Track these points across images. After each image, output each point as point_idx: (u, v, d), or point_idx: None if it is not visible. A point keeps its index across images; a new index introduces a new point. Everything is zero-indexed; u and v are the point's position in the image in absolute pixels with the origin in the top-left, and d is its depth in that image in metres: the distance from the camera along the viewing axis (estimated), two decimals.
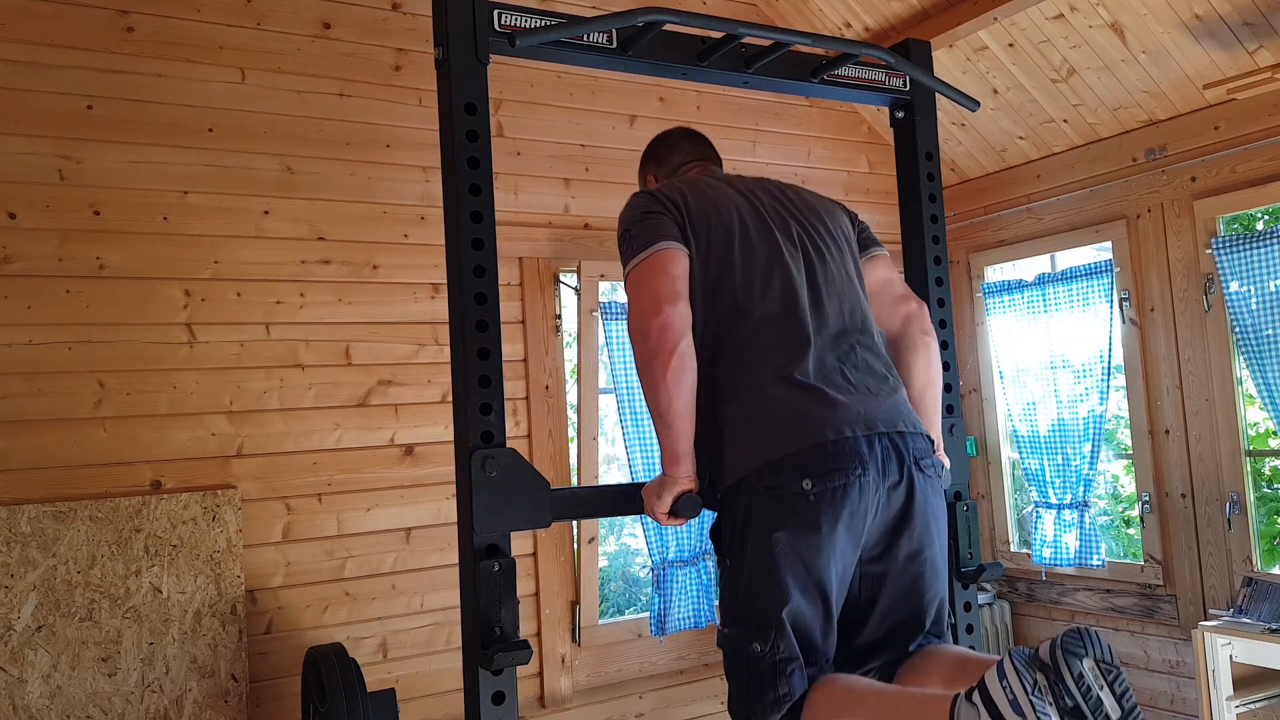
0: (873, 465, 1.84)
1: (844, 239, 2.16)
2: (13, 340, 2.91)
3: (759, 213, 2.08)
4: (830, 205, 2.23)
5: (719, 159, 2.41)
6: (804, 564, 1.80)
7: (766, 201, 2.11)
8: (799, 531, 1.80)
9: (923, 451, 1.94)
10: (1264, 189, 3.60)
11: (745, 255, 2.00)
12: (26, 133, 2.97)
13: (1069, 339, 4.26)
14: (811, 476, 1.80)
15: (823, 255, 2.08)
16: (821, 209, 2.18)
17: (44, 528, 2.84)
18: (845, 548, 1.84)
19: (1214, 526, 3.80)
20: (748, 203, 2.09)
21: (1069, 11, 3.65)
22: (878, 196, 4.68)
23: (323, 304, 3.37)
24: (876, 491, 1.85)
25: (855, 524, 1.83)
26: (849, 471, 1.81)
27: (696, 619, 3.92)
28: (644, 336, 1.90)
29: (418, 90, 3.58)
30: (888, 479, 1.86)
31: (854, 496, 1.81)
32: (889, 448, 1.87)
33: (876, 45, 2.74)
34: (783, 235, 2.05)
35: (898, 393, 2.00)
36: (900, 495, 1.89)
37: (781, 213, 2.10)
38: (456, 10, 2.05)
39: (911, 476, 1.89)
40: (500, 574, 1.93)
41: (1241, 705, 3.35)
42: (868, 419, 1.88)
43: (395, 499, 3.44)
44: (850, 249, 2.17)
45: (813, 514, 1.80)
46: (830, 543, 1.81)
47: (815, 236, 2.10)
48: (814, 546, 1.80)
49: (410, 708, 3.37)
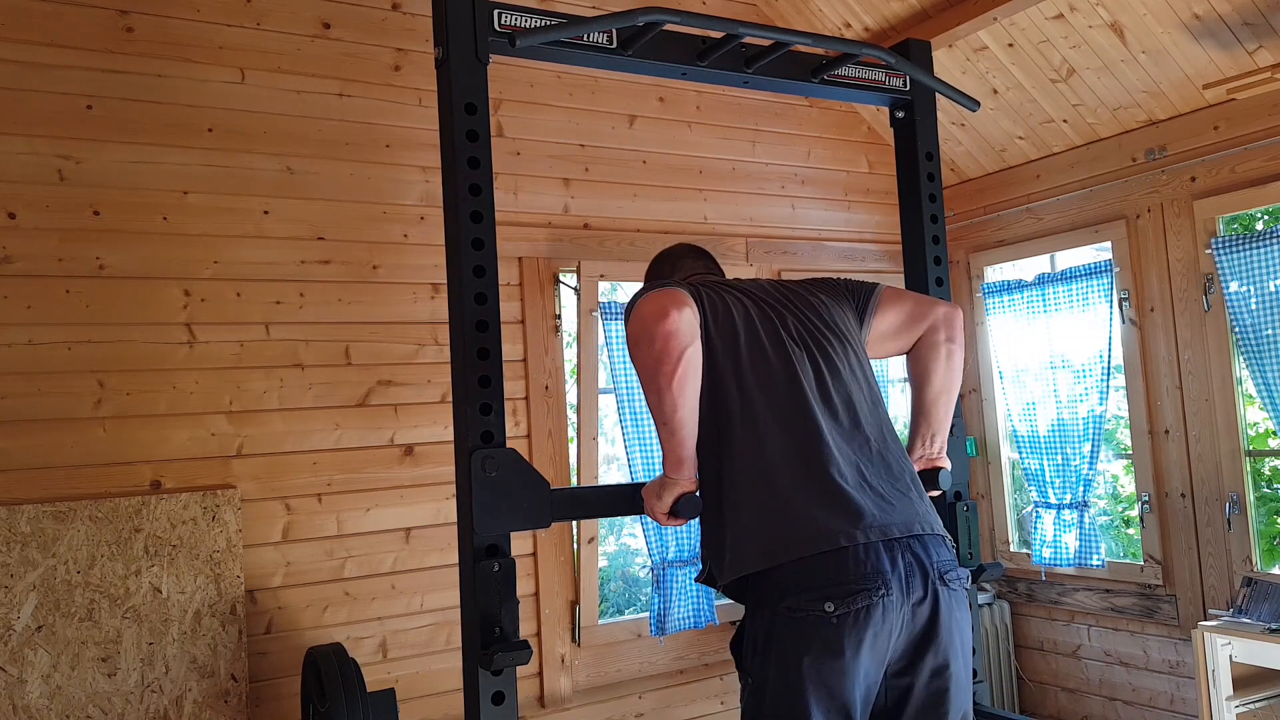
0: (896, 583, 1.80)
1: (846, 333, 2.12)
2: (12, 340, 2.91)
3: (763, 311, 2.06)
4: (828, 298, 2.18)
5: (721, 271, 2.40)
6: (828, 689, 1.77)
7: (768, 301, 2.09)
8: (823, 656, 1.76)
9: (947, 565, 1.89)
10: (1264, 189, 3.60)
11: (752, 351, 1.99)
12: (26, 133, 2.97)
13: (1069, 339, 4.26)
14: (834, 599, 1.76)
15: (827, 353, 2.05)
16: (821, 305, 2.14)
17: (44, 528, 2.84)
18: (870, 668, 1.80)
19: (1214, 526, 3.80)
20: (752, 302, 2.08)
21: (1069, 11, 3.65)
22: (878, 196, 4.69)
23: (322, 304, 3.37)
24: (901, 610, 1.81)
25: (879, 644, 1.79)
26: (872, 592, 1.77)
27: (696, 619, 3.92)
28: (649, 342, 1.87)
29: (418, 90, 3.58)
30: (912, 596, 1.82)
31: (877, 618, 1.77)
32: (912, 563, 1.83)
33: (876, 45, 2.74)
34: (786, 334, 2.04)
35: (910, 493, 1.96)
36: (925, 611, 1.84)
37: (784, 311, 2.08)
38: (456, 10, 2.05)
39: (936, 593, 1.85)
40: (500, 574, 1.93)
41: (1241, 705, 3.35)
42: (884, 525, 1.84)
43: (395, 499, 3.44)
44: (853, 344, 2.12)
45: (836, 638, 1.76)
46: (855, 666, 1.77)
47: (819, 334, 2.07)
48: (838, 671, 1.77)
49: (410, 708, 3.37)
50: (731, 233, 4.26)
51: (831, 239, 4.55)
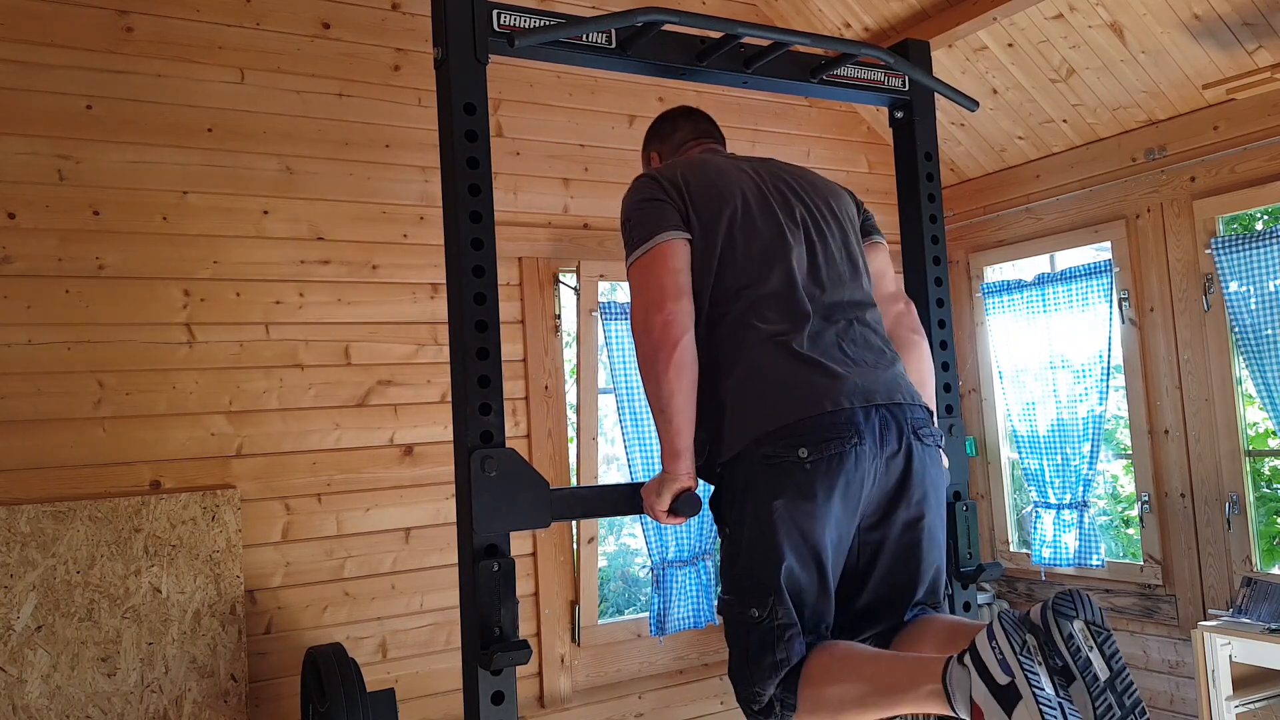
0: (869, 434, 1.85)
1: (847, 220, 2.17)
2: (12, 340, 2.91)
3: (762, 192, 2.08)
4: (835, 188, 2.23)
5: (722, 137, 2.41)
6: (800, 531, 1.82)
7: (770, 181, 2.12)
8: (795, 500, 1.82)
9: (921, 421, 1.95)
10: (1263, 189, 3.60)
11: (746, 234, 2.01)
12: (26, 133, 2.97)
13: (1068, 339, 4.26)
14: (808, 445, 1.82)
15: (824, 236, 2.09)
16: (826, 190, 2.19)
17: (43, 528, 2.84)
18: (841, 516, 1.85)
19: (1213, 526, 3.80)
20: (751, 182, 2.10)
21: (1068, 11, 3.65)
22: (877, 196, 4.68)
23: (322, 304, 3.37)
24: (874, 460, 1.86)
25: (851, 492, 1.85)
26: (845, 440, 1.82)
27: (696, 619, 3.92)
28: (647, 332, 1.92)
29: (417, 90, 3.58)
30: (886, 448, 1.87)
31: (850, 465, 1.83)
32: (887, 418, 1.89)
33: (876, 45, 2.74)
34: (785, 215, 2.06)
35: (895, 365, 2.01)
36: (899, 464, 1.90)
37: (785, 192, 2.11)
38: (456, 10, 2.05)
39: (910, 446, 1.90)
40: (500, 574, 1.93)
41: (1241, 705, 3.35)
42: (866, 391, 1.89)
43: (395, 499, 3.44)
44: (854, 231, 2.17)
45: (808, 482, 1.81)
46: (826, 510, 1.83)
47: (818, 217, 2.10)
48: (810, 514, 1.82)
49: (410, 708, 3.37)
50: None
51: None
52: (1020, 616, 1.56)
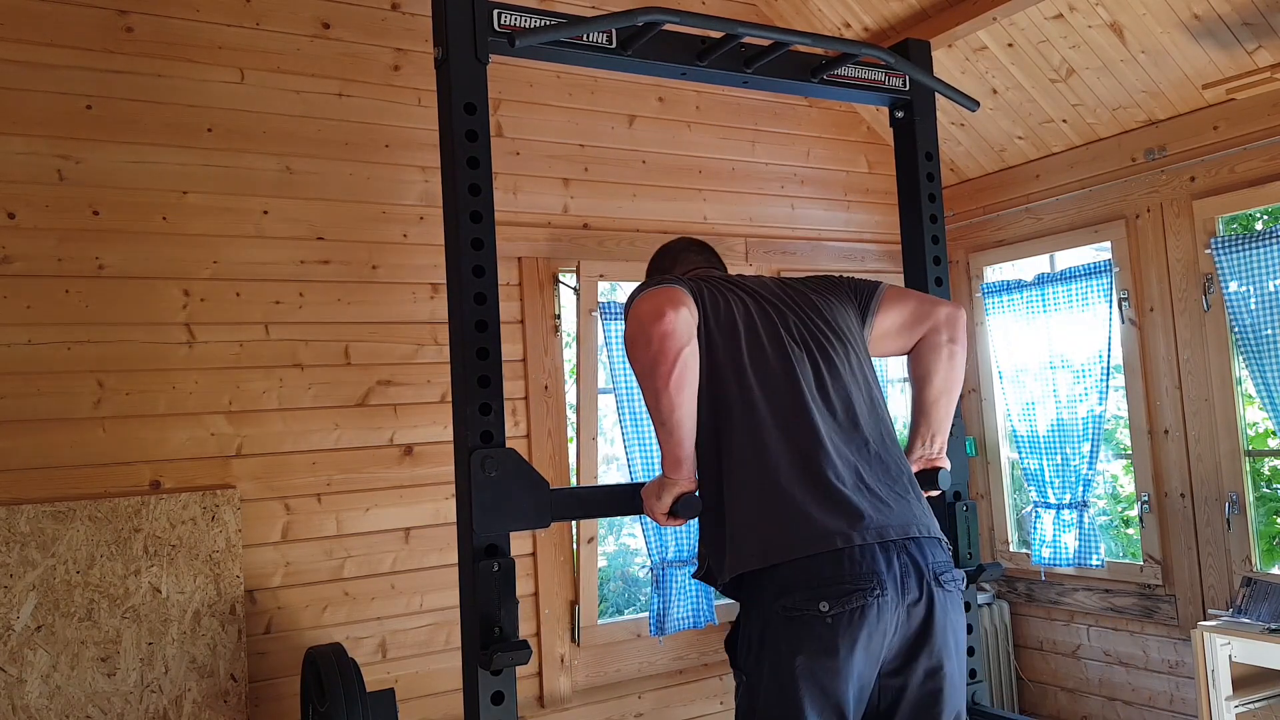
0: (891, 584, 1.79)
1: (848, 334, 2.11)
2: (12, 340, 2.91)
3: (764, 309, 2.05)
4: (830, 297, 2.17)
5: (723, 265, 2.39)
6: (822, 689, 1.77)
7: (769, 299, 2.09)
8: (817, 655, 1.76)
9: (942, 566, 1.89)
10: (1263, 189, 3.60)
11: (752, 350, 1.98)
12: (26, 133, 2.97)
13: (1068, 339, 4.26)
14: (828, 599, 1.76)
15: (827, 353, 2.04)
16: (823, 305, 2.13)
17: (43, 528, 2.84)
18: (863, 668, 1.80)
19: (1213, 526, 3.80)
20: (753, 299, 2.07)
21: (1068, 11, 3.65)
22: (877, 196, 4.69)
23: (322, 304, 3.37)
24: (896, 610, 1.80)
25: (874, 644, 1.79)
26: (867, 593, 1.77)
27: (696, 619, 3.92)
28: (645, 342, 1.87)
29: (417, 90, 3.58)
30: (907, 597, 1.82)
31: (872, 618, 1.77)
32: (907, 563, 1.83)
33: (876, 45, 2.74)
34: (786, 333, 2.03)
35: (909, 495, 1.95)
36: (920, 612, 1.84)
37: (785, 310, 2.07)
38: (456, 10, 2.05)
39: (931, 594, 1.84)
40: (499, 574, 1.93)
41: (1241, 705, 3.36)
42: (880, 527, 1.84)
43: (394, 499, 3.44)
44: (854, 344, 2.11)
45: (830, 638, 1.76)
46: (849, 666, 1.77)
47: (819, 334, 2.06)
48: (832, 671, 1.77)
49: (409, 708, 3.37)
50: (731, 233, 4.26)
51: (831, 239, 4.55)
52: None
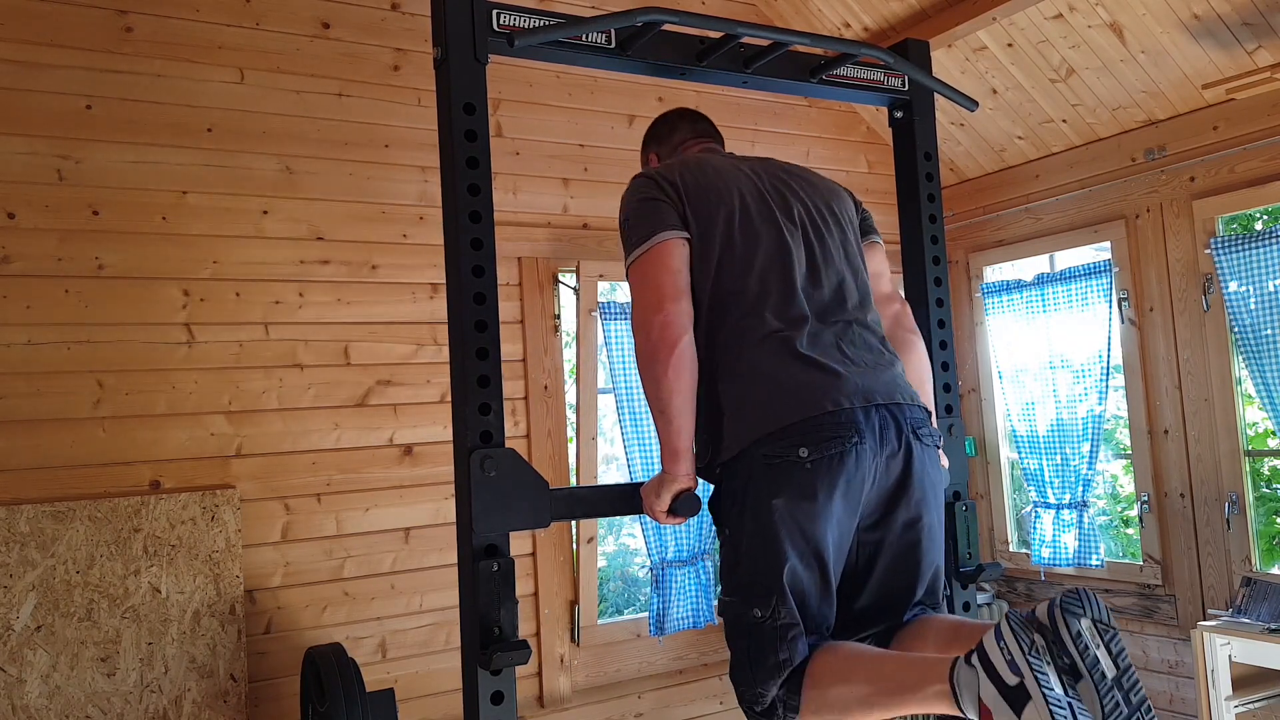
0: (870, 434, 1.85)
1: (846, 220, 2.17)
2: (11, 340, 2.91)
3: (760, 192, 2.08)
4: (834, 187, 2.23)
5: (720, 137, 2.41)
6: (801, 531, 1.82)
7: (768, 181, 2.12)
8: (796, 499, 1.81)
9: (920, 421, 1.95)
10: (1263, 189, 3.60)
11: (745, 234, 2.01)
12: (25, 133, 2.97)
13: (1068, 339, 4.26)
14: (808, 445, 1.81)
15: (822, 235, 2.08)
16: (825, 190, 2.19)
17: (43, 528, 2.84)
18: (842, 515, 1.85)
19: (1213, 526, 3.80)
20: (749, 181, 2.10)
21: (1068, 11, 3.65)
22: (877, 196, 4.68)
23: (321, 304, 3.37)
24: (874, 460, 1.86)
25: (852, 492, 1.84)
26: (845, 440, 1.82)
27: (695, 619, 3.92)
28: (646, 333, 1.92)
29: (416, 90, 3.58)
30: (885, 448, 1.87)
31: (850, 464, 1.82)
32: (887, 417, 1.89)
33: (875, 45, 2.74)
34: (783, 215, 2.06)
35: (894, 366, 2.01)
36: (898, 464, 1.90)
37: (783, 192, 2.10)
38: (455, 10, 2.05)
39: (910, 445, 1.90)
40: (499, 574, 1.93)
41: (1240, 705, 3.35)
42: (865, 391, 1.89)
43: (394, 499, 3.44)
44: (853, 230, 2.18)
45: (809, 482, 1.81)
46: (827, 510, 1.82)
47: (816, 216, 2.10)
48: (811, 514, 1.82)
49: (409, 708, 3.37)
50: None
51: None
52: (1027, 616, 1.56)
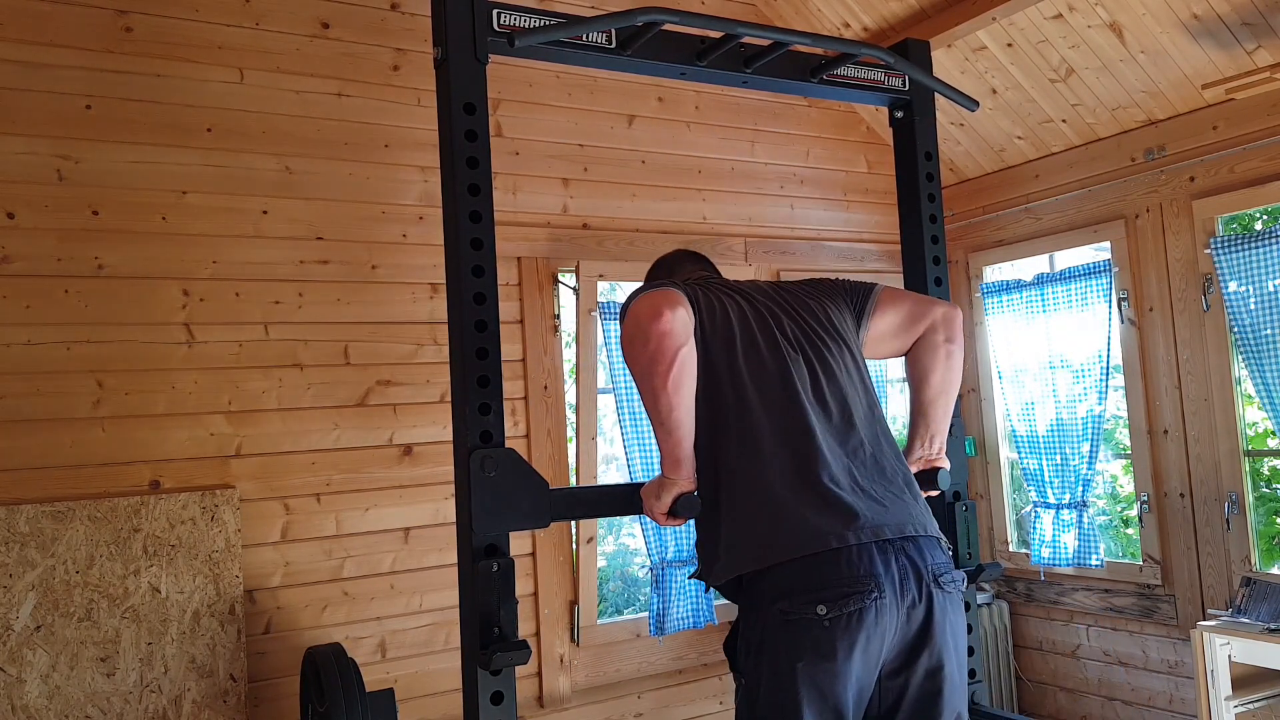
0: (889, 586, 1.79)
1: (843, 335, 2.12)
2: (11, 340, 2.91)
3: (759, 313, 2.06)
4: (826, 300, 2.17)
5: (719, 274, 2.39)
6: (820, 692, 1.77)
7: (763, 302, 2.10)
8: (815, 660, 1.76)
9: (942, 567, 1.88)
10: (1262, 189, 3.60)
11: (747, 353, 1.99)
12: (25, 132, 2.97)
13: (1067, 339, 4.26)
14: (826, 602, 1.75)
15: (823, 355, 2.05)
16: (818, 307, 2.14)
17: (42, 528, 2.83)
18: (862, 671, 1.80)
19: (1213, 526, 3.80)
20: (748, 303, 2.08)
21: (1067, 11, 3.65)
22: (877, 196, 4.69)
23: (321, 304, 3.37)
24: (894, 613, 1.80)
25: (873, 647, 1.79)
26: (865, 595, 1.76)
27: (695, 619, 3.92)
28: (644, 342, 1.87)
29: (416, 90, 3.58)
30: (905, 598, 1.81)
31: (870, 621, 1.77)
32: (906, 565, 1.83)
33: (875, 45, 2.74)
34: (782, 336, 2.03)
35: (904, 495, 1.95)
36: (920, 614, 1.83)
37: (780, 314, 2.08)
38: (455, 10, 2.05)
39: (931, 595, 1.84)
40: (499, 574, 1.93)
41: (1240, 705, 3.36)
42: (876, 526, 1.83)
43: (394, 499, 3.44)
44: (850, 346, 2.12)
45: (828, 641, 1.75)
46: (847, 669, 1.77)
47: (814, 336, 2.07)
48: (831, 674, 1.76)
49: (409, 708, 3.37)
50: (730, 233, 4.26)
51: (830, 239, 4.55)
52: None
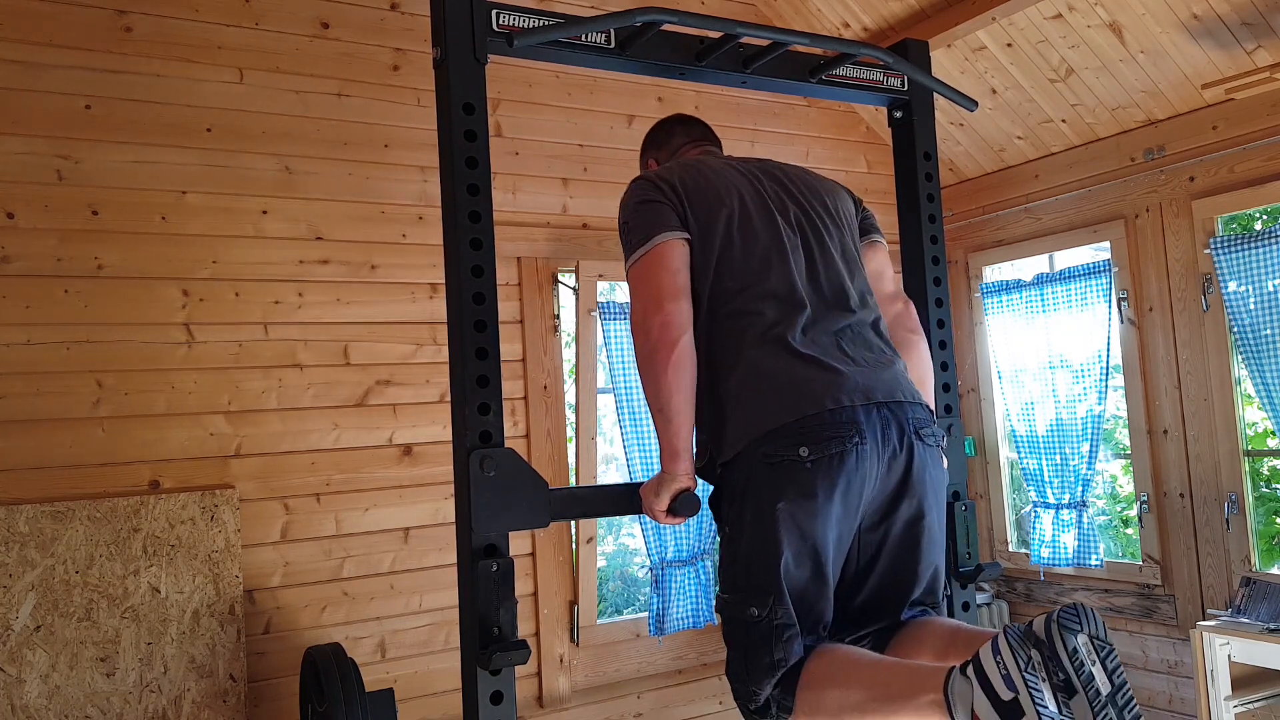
0: (870, 434, 1.84)
1: (844, 220, 2.17)
2: (11, 340, 2.91)
3: (759, 193, 2.08)
4: (832, 186, 2.23)
5: (718, 140, 2.42)
6: (800, 531, 1.82)
7: (766, 183, 2.12)
8: (796, 499, 1.81)
9: (922, 421, 1.94)
10: (1262, 189, 3.60)
11: (744, 235, 2.01)
12: (25, 133, 2.97)
13: (1067, 339, 4.26)
14: (809, 444, 1.81)
15: (821, 236, 2.08)
16: (823, 190, 2.18)
17: (42, 528, 2.83)
18: (842, 515, 1.84)
19: (1212, 526, 3.80)
20: (748, 183, 2.09)
21: (1067, 11, 3.65)
22: (876, 196, 4.68)
23: (321, 304, 3.37)
24: (875, 460, 1.85)
25: (852, 492, 1.84)
26: (846, 439, 1.81)
27: (695, 619, 3.92)
28: (645, 332, 1.92)
29: (416, 90, 3.58)
30: (887, 447, 1.86)
31: (851, 464, 1.82)
32: (888, 417, 1.88)
33: (875, 45, 2.74)
34: (781, 216, 2.06)
35: (895, 364, 2.00)
36: (900, 464, 1.89)
37: (781, 194, 2.10)
38: (454, 10, 2.05)
39: (911, 445, 1.89)
40: (498, 574, 1.93)
41: (1240, 705, 3.36)
42: (866, 389, 1.88)
43: (393, 499, 3.44)
44: (850, 230, 2.17)
45: (809, 481, 1.80)
46: (827, 510, 1.82)
47: (815, 217, 2.10)
48: (810, 513, 1.81)
49: (409, 708, 3.37)
50: None
51: None
52: (1024, 630, 1.55)
